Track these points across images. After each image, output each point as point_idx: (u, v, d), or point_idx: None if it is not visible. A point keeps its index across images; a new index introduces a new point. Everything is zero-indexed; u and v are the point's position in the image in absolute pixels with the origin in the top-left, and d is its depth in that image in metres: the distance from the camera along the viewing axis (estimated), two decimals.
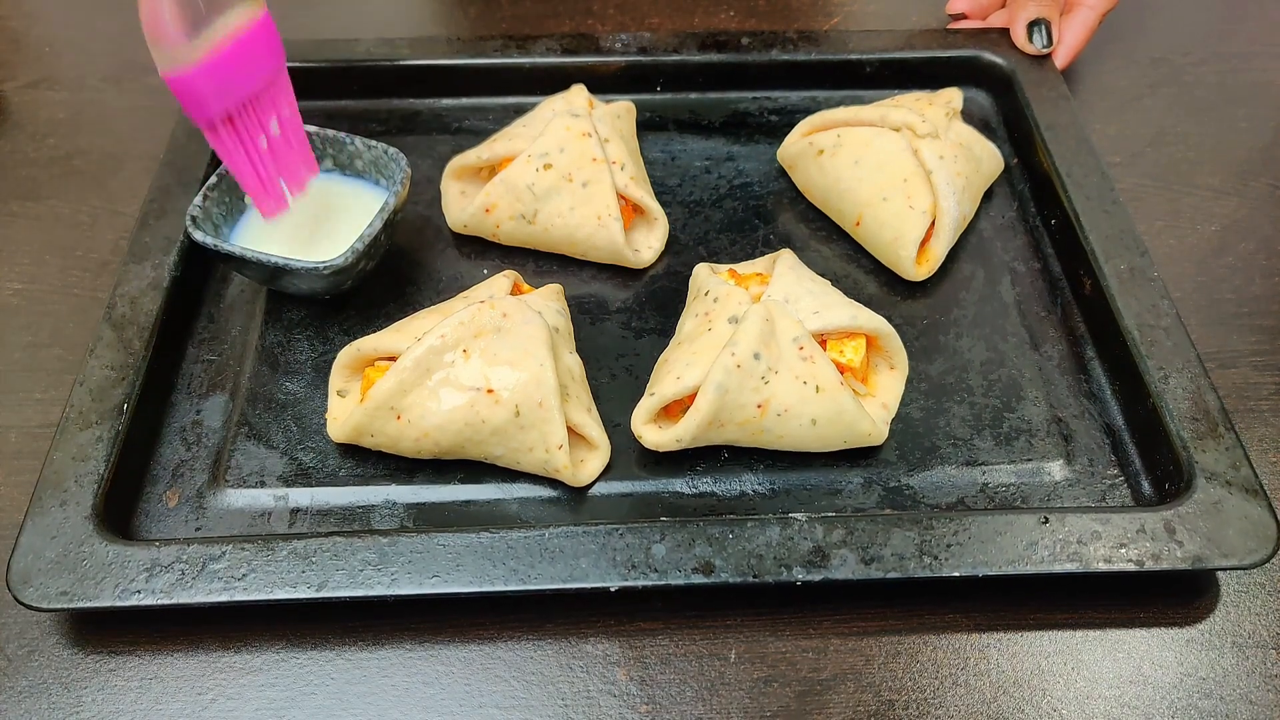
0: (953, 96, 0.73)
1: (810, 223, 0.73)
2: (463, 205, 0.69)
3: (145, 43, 0.53)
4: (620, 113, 0.73)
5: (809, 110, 0.77)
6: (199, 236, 0.61)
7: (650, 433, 0.57)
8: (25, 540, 0.51)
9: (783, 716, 0.50)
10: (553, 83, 0.77)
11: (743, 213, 0.73)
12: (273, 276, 0.62)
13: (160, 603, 0.49)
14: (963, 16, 0.86)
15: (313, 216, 0.65)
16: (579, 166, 0.66)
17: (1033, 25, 0.79)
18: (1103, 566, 0.51)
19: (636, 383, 0.62)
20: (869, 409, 0.58)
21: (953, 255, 0.69)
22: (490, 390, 0.55)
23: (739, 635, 0.53)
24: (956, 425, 0.60)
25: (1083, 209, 0.67)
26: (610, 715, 0.50)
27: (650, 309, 0.67)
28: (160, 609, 0.50)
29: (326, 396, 0.61)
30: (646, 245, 0.69)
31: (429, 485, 0.57)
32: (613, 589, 0.50)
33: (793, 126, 0.74)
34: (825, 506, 0.57)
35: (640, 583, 0.50)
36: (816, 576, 0.50)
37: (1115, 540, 0.51)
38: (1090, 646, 0.52)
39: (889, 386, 0.61)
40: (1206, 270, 0.70)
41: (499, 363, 0.55)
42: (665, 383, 0.57)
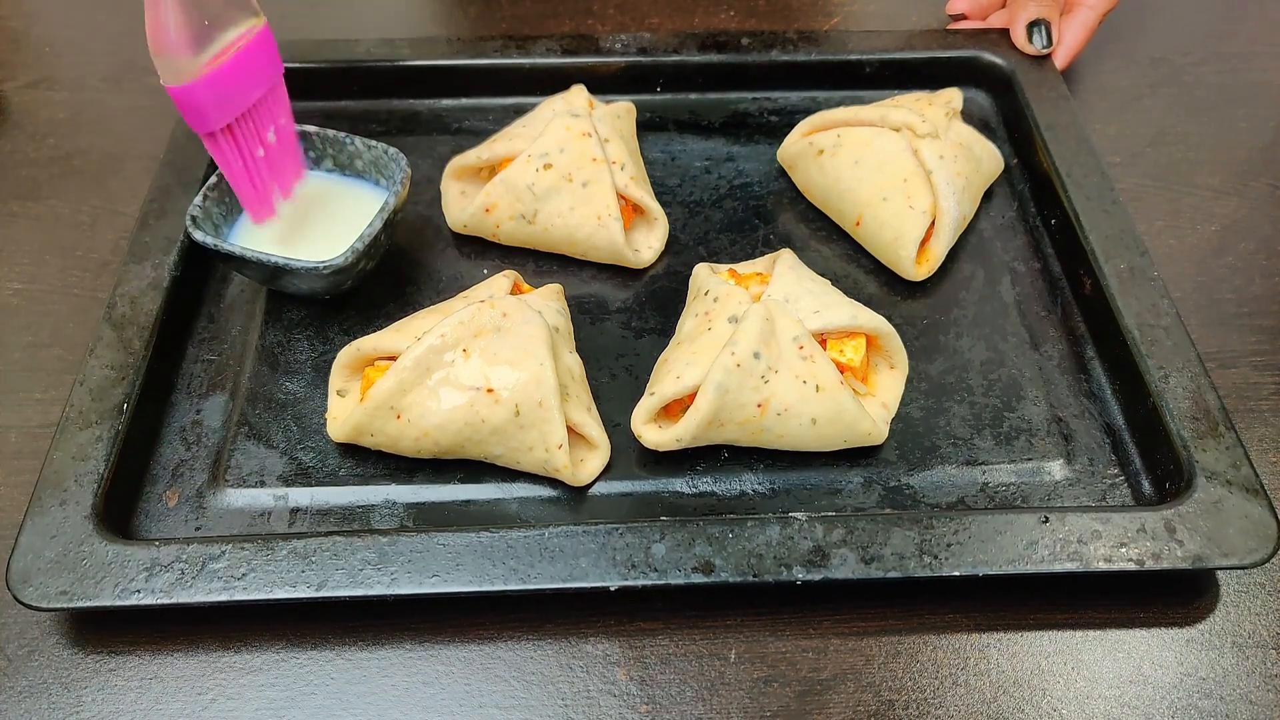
0: (953, 97, 0.73)
1: (810, 223, 0.73)
2: (463, 205, 0.69)
3: (145, 43, 0.54)
4: (620, 113, 0.73)
5: (809, 110, 0.77)
6: (199, 236, 0.61)
7: (650, 432, 0.57)
8: (25, 540, 0.51)
9: (783, 716, 0.50)
10: (553, 83, 0.77)
11: (743, 213, 0.73)
12: (273, 276, 0.62)
13: (160, 602, 0.49)
14: (963, 17, 0.86)
15: (313, 217, 0.66)
16: (579, 166, 0.66)
17: (1033, 25, 0.79)
18: (1103, 566, 0.51)
19: (636, 383, 0.62)
20: (869, 409, 0.58)
21: (953, 255, 0.69)
22: (490, 390, 0.55)
23: (739, 635, 0.53)
24: (956, 425, 0.60)
25: (1083, 209, 0.67)
26: (610, 715, 0.50)
27: (650, 309, 0.67)
28: (160, 609, 0.50)
29: (326, 396, 0.61)
30: (646, 245, 0.69)
31: (429, 485, 0.57)
32: (612, 589, 0.50)
33: (793, 126, 0.74)
34: (825, 506, 0.57)
35: (640, 582, 0.50)
36: (816, 576, 0.50)
37: (1115, 540, 0.51)
38: (1090, 646, 0.52)
39: (889, 386, 0.61)
40: (1206, 270, 0.70)
41: (499, 362, 0.55)
42: (665, 382, 0.57)
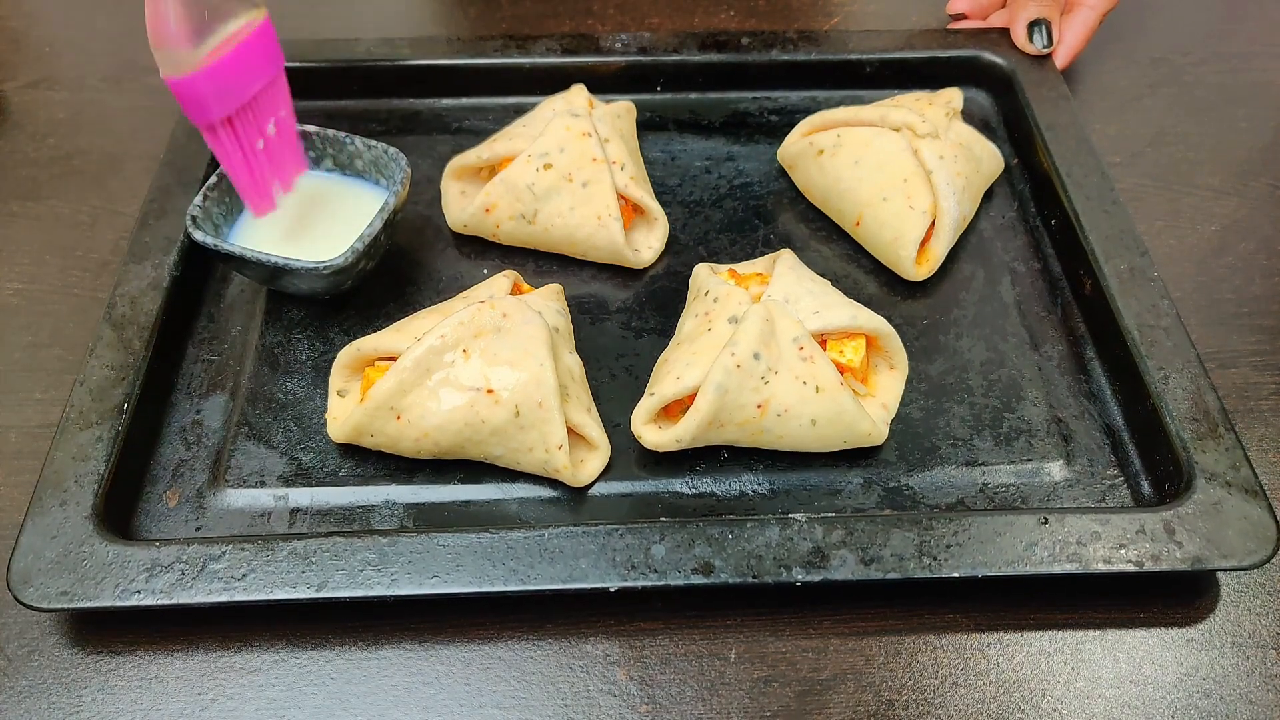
0: (953, 96, 0.73)
1: (810, 223, 0.73)
2: (463, 205, 0.69)
3: (145, 43, 0.54)
4: (620, 113, 0.73)
5: (809, 110, 0.77)
6: (199, 236, 0.61)
7: (650, 433, 0.57)
8: (25, 540, 0.51)
9: (783, 716, 0.50)
10: (553, 83, 0.77)
11: (743, 213, 0.73)
12: (273, 276, 0.62)
13: (160, 603, 0.49)
14: (963, 16, 0.86)
15: (312, 216, 0.66)
16: (579, 166, 0.66)
17: (1033, 25, 0.79)
18: (1102, 567, 0.51)
19: (636, 383, 0.62)
20: (869, 409, 0.58)
21: (953, 255, 0.69)
22: (490, 390, 0.55)
23: (739, 635, 0.53)
24: (956, 425, 0.60)
25: (1083, 209, 0.67)
26: (610, 715, 0.50)
27: (650, 309, 0.67)
28: (160, 609, 0.50)
29: (326, 396, 0.61)
30: (646, 245, 0.69)
31: (429, 485, 0.57)
32: (612, 589, 0.50)
33: (793, 126, 0.74)
34: (825, 507, 0.57)
35: (640, 583, 0.50)
36: (816, 577, 0.50)
37: (1115, 541, 0.51)
38: (1090, 646, 0.52)
39: (889, 386, 0.61)
40: (1206, 270, 0.70)
41: (499, 363, 0.55)
42: (665, 383, 0.57)
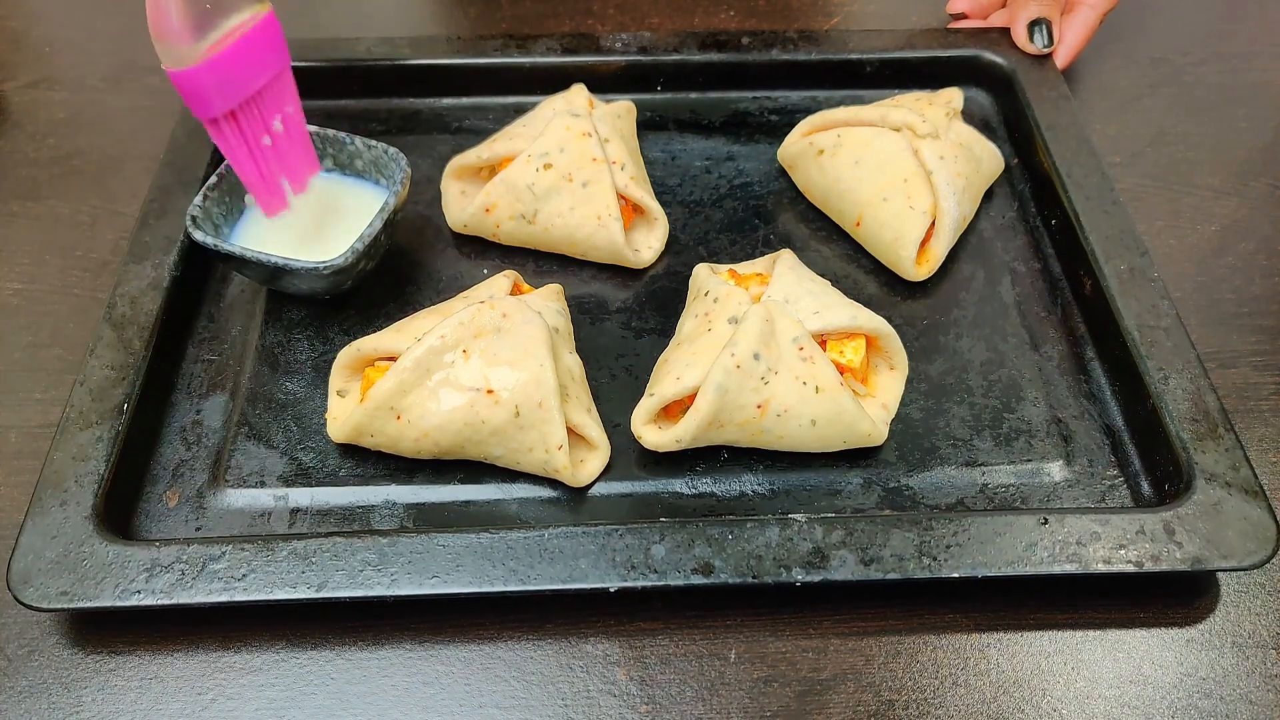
0: (953, 96, 0.73)
1: (810, 223, 0.73)
2: (463, 205, 0.69)
3: (145, 42, 0.53)
4: (620, 112, 0.73)
5: (809, 110, 0.77)
6: (199, 236, 0.61)
7: (650, 433, 0.57)
8: (25, 540, 0.51)
9: (783, 716, 0.50)
10: (553, 82, 0.77)
11: (743, 213, 0.73)
12: (273, 276, 0.62)
13: (160, 603, 0.49)
14: (963, 16, 0.86)
15: (313, 216, 0.65)
16: (579, 166, 0.66)
17: (1033, 25, 0.79)
18: (1102, 568, 0.51)
19: (636, 383, 0.62)
20: (869, 409, 0.58)
21: (953, 255, 0.69)
22: (490, 390, 0.55)
23: (739, 635, 0.53)
24: (956, 426, 0.60)
25: (1083, 209, 0.67)
26: (610, 715, 0.50)
27: (650, 309, 0.67)
28: (160, 609, 0.50)
29: (326, 396, 0.61)
30: (646, 245, 0.69)
31: (429, 485, 0.57)
32: (612, 589, 0.50)
33: (793, 126, 0.74)
34: (825, 507, 0.57)
35: (640, 583, 0.50)
36: (816, 577, 0.50)
37: (1115, 541, 0.51)
38: (1090, 646, 0.52)
39: (889, 387, 0.61)
40: (1206, 270, 0.70)
41: (499, 363, 0.55)
42: (665, 383, 0.57)
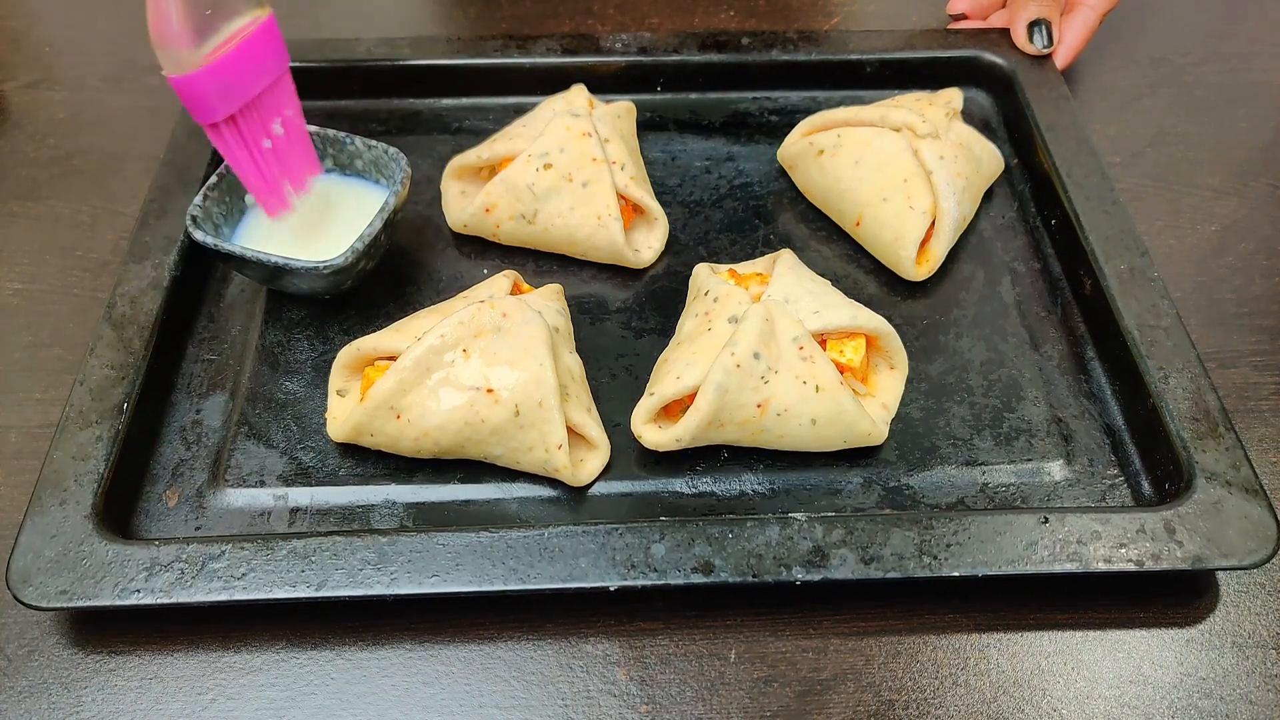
0: (953, 97, 0.73)
1: (810, 223, 0.73)
2: (463, 205, 0.69)
3: (145, 42, 0.53)
4: (620, 113, 0.73)
5: (809, 110, 0.77)
6: (199, 236, 0.61)
7: (650, 432, 0.57)
8: (25, 539, 0.51)
9: (783, 716, 0.50)
10: (553, 83, 0.77)
11: (743, 213, 0.73)
12: (273, 276, 0.62)
13: (160, 602, 0.49)
14: (963, 17, 0.86)
15: (313, 216, 0.65)
16: (579, 166, 0.66)
17: (1033, 25, 0.79)
18: (1102, 566, 0.51)
19: (636, 383, 0.62)
20: (869, 409, 0.58)
21: (953, 255, 0.69)
22: (490, 390, 0.55)
23: (739, 635, 0.53)
24: (956, 425, 0.60)
25: (1083, 209, 0.67)
26: (610, 715, 0.50)
27: (650, 309, 0.67)
28: (160, 608, 0.50)
29: (326, 396, 0.61)
30: (646, 245, 0.69)
31: (429, 485, 0.57)
32: (612, 589, 0.50)
33: (793, 126, 0.74)
34: (825, 506, 0.57)
35: (640, 582, 0.50)
36: (816, 576, 0.50)
37: (1115, 540, 0.51)
38: (1090, 646, 0.52)
39: (889, 386, 0.61)
40: (1206, 270, 0.70)
41: (499, 362, 0.55)
42: (665, 382, 0.57)
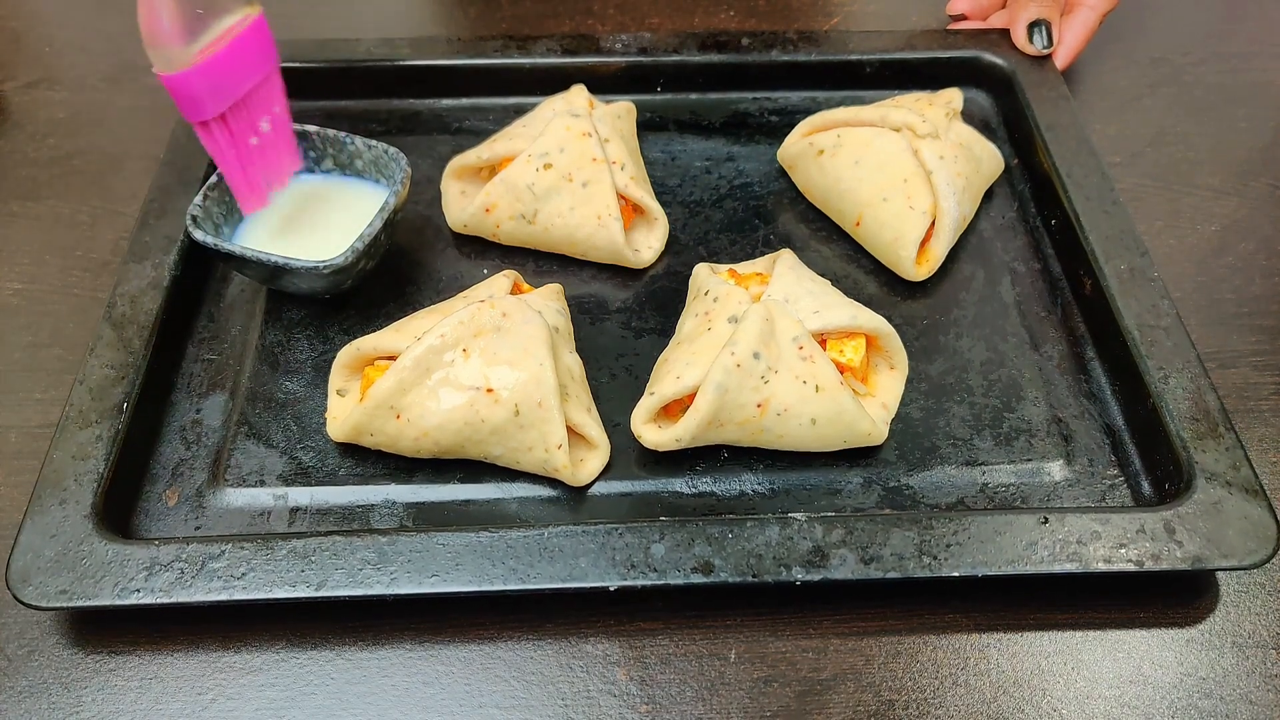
0: (953, 97, 0.73)
1: (810, 223, 0.73)
2: (463, 205, 0.69)
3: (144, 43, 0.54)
4: (620, 113, 0.73)
5: (809, 110, 0.77)
6: (199, 236, 0.61)
7: (650, 432, 0.57)
8: (25, 539, 0.51)
9: (783, 716, 0.50)
10: (553, 83, 0.77)
11: (743, 213, 0.73)
12: (273, 276, 0.62)
13: (160, 601, 0.49)
14: (963, 17, 0.86)
15: (313, 216, 0.66)
16: (579, 166, 0.66)
17: (1033, 26, 0.79)
18: (1102, 567, 0.51)
19: (636, 383, 0.62)
20: (869, 409, 0.58)
21: (953, 255, 0.69)
22: (490, 390, 0.55)
23: (739, 635, 0.53)
24: (956, 425, 0.60)
25: (1083, 209, 0.67)
26: (610, 715, 0.50)
27: (650, 309, 0.67)
28: (160, 608, 0.50)
29: (326, 396, 0.61)
30: (646, 245, 0.69)
31: (428, 485, 0.57)
32: (612, 589, 0.50)
33: (793, 127, 0.74)
34: (825, 506, 0.57)
35: (640, 582, 0.50)
36: (816, 576, 0.50)
37: (1115, 540, 0.51)
38: (1090, 646, 0.52)
39: (889, 386, 0.61)
40: (1206, 270, 0.70)
41: (499, 362, 0.55)
42: (665, 382, 0.57)
